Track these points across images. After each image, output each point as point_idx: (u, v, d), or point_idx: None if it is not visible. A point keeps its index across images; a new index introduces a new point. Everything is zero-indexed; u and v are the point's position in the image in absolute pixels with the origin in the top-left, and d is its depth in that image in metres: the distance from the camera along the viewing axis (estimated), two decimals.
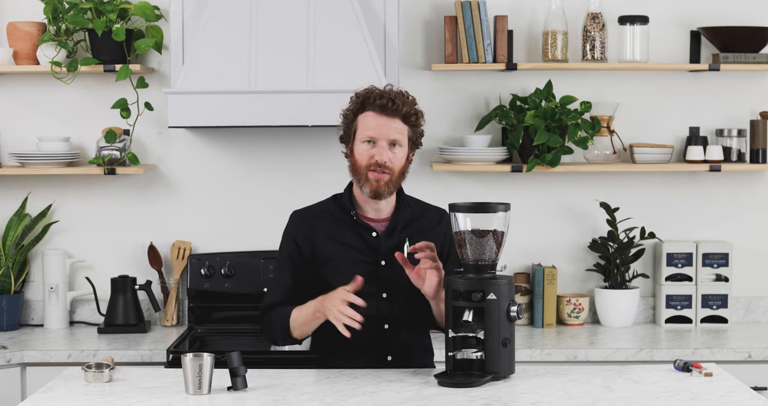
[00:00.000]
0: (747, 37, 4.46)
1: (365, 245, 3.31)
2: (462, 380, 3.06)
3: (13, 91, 4.59)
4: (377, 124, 3.22)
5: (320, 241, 3.32)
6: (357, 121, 3.26)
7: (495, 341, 3.08)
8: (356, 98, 3.28)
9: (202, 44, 4.18)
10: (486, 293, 3.07)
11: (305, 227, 3.35)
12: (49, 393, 3.04)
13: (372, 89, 3.26)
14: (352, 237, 3.31)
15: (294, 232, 3.36)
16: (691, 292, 4.53)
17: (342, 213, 3.34)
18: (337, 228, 3.33)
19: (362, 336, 3.21)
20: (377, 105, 3.22)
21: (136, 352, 4.08)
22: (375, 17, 4.32)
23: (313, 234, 3.33)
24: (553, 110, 4.40)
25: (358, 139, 3.24)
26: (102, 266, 4.61)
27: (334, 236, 3.32)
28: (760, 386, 4.08)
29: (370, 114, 3.23)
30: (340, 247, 3.31)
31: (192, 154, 4.62)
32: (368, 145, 3.23)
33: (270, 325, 3.32)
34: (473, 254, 3.11)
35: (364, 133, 3.23)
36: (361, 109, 3.25)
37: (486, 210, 3.14)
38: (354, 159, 3.27)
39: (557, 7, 4.47)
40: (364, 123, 3.24)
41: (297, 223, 3.38)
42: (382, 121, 3.22)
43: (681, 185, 4.66)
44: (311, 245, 3.32)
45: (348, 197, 3.34)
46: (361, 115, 3.25)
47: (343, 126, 3.30)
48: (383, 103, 3.21)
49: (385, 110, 3.22)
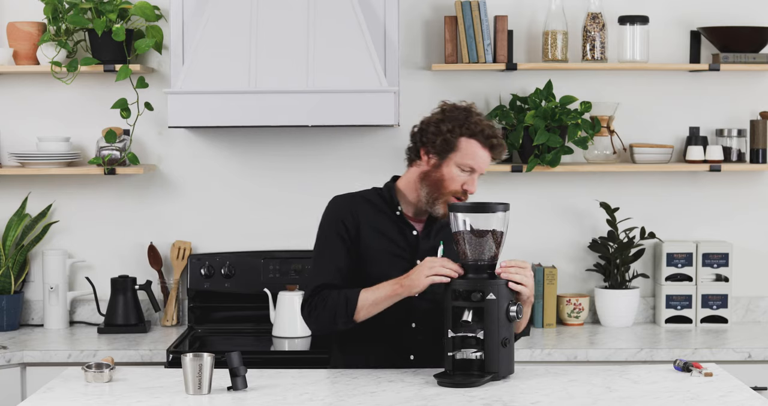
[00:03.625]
0: (747, 37, 4.46)
1: (405, 242, 3.30)
2: (461, 380, 3.07)
3: (13, 91, 4.59)
4: (482, 158, 3.24)
5: (364, 227, 3.30)
6: (460, 144, 3.22)
7: (494, 341, 3.08)
8: (464, 120, 3.24)
9: (202, 44, 4.18)
10: (485, 293, 3.07)
11: (350, 210, 3.32)
12: (49, 393, 3.04)
13: (479, 121, 3.24)
14: (394, 232, 3.31)
15: (340, 214, 3.31)
16: (691, 292, 4.53)
17: (384, 206, 3.33)
18: (380, 220, 3.32)
19: (388, 333, 3.23)
20: (488, 142, 3.23)
21: (136, 352, 4.08)
22: (375, 17, 4.32)
23: (358, 219, 3.31)
24: (553, 110, 4.40)
25: (456, 163, 3.23)
26: (102, 266, 4.61)
27: (378, 226, 3.31)
28: (760, 386, 4.08)
29: (476, 144, 3.22)
30: (383, 238, 3.30)
31: (192, 154, 4.62)
32: (464, 173, 3.24)
33: (326, 307, 3.21)
34: (472, 254, 3.11)
35: (466, 161, 3.22)
36: (467, 134, 3.22)
37: (485, 210, 3.14)
38: (441, 176, 3.24)
39: (557, 7, 4.47)
40: (468, 151, 3.22)
41: (342, 206, 3.34)
42: (485, 156, 3.24)
43: (681, 185, 4.66)
44: (356, 229, 3.30)
45: (393, 192, 3.34)
46: (466, 139, 3.22)
47: (442, 133, 3.24)
48: (493, 143, 3.24)
49: (491, 148, 3.24)
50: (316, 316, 3.22)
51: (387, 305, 3.19)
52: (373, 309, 3.20)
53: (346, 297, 3.19)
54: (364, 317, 3.20)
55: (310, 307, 3.24)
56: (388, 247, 3.29)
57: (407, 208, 3.33)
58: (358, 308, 3.18)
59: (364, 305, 3.18)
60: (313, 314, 3.23)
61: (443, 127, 3.23)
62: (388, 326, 3.24)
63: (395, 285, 3.17)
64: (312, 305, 3.24)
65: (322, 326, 3.24)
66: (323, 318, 3.21)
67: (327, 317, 3.20)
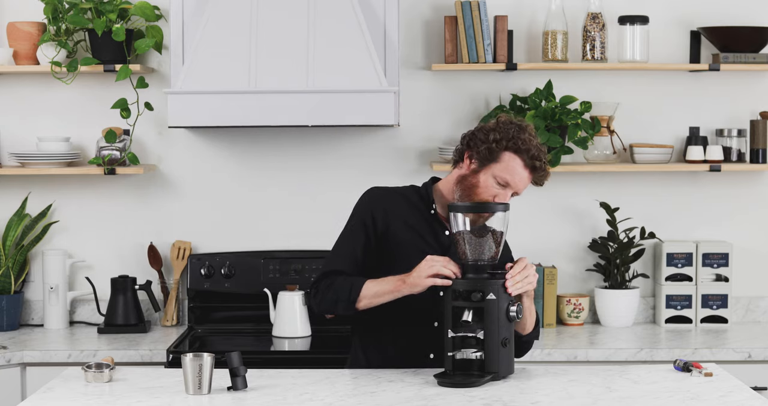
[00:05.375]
0: (747, 37, 4.46)
1: (437, 241, 3.31)
2: (461, 380, 3.07)
3: (13, 91, 4.59)
4: (520, 176, 3.22)
5: (396, 222, 3.31)
6: (503, 156, 3.21)
7: (494, 341, 3.08)
8: (514, 135, 3.23)
9: (202, 44, 4.18)
10: (485, 293, 3.07)
11: (384, 204, 3.33)
12: (49, 393, 3.03)
13: (529, 140, 3.22)
14: (427, 230, 3.32)
15: (372, 206, 3.33)
16: (691, 292, 4.53)
17: (420, 203, 3.35)
18: (413, 216, 3.33)
19: (410, 331, 3.24)
20: (531, 163, 3.21)
21: (136, 352, 4.08)
22: (375, 17, 4.32)
23: (390, 213, 3.32)
24: (553, 110, 4.40)
25: (493, 174, 3.22)
26: (102, 266, 4.61)
27: (410, 222, 3.32)
28: (760, 386, 4.08)
29: (519, 161, 3.21)
30: (414, 234, 3.31)
31: (192, 154, 4.62)
32: (499, 186, 3.23)
33: (331, 290, 3.25)
34: (472, 254, 3.11)
35: (504, 175, 3.22)
36: (513, 149, 3.21)
37: (485, 210, 3.14)
38: (477, 182, 3.24)
39: (557, 7, 4.47)
40: (509, 165, 3.22)
41: (376, 198, 3.36)
42: (524, 175, 3.23)
43: (681, 185, 4.66)
44: (386, 223, 3.31)
45: (431, 192, 3.35)
46: (510, 154, 3.21)
47: (490, 142, 3.24)
48: (536, 165, 3.22)
49: (533, 169, 3.23)
50: (320, 298, 3.29)
51: (389, 299, 3.21)
52: (375, 300, 3.22)
53: (351, 283, 3.24)
54: (365, 307, 3.23)
55: (317, 288, 3.30)
56: (419, 243, 3.30)
57: (442, 209, 3.34)
58: (360, 297, 3.21)
59: (367, 294, 3.21)
60: (318, 295, 3.29)
61: (492, 136, 3.24)
62: (411, 324, 3.25)
63: (398, 281, 3.18)
64: (318, 286, 3.30)
65: (324, 308, 3.30)
66: (326, 300, 3.27)
67: (330, 299, 3.26)
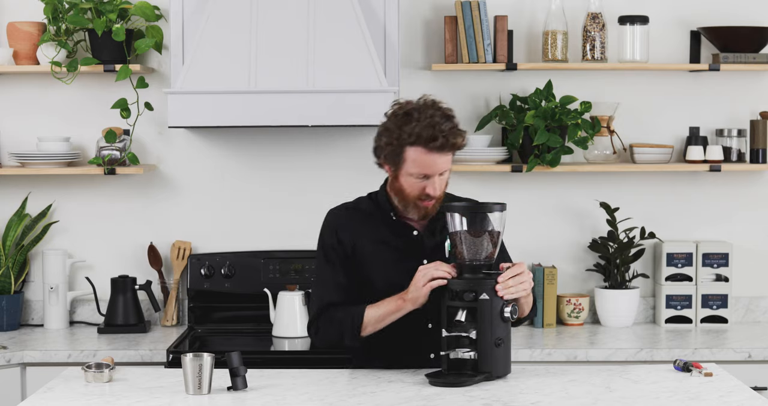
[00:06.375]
0: (747, 37, 4.46)
1: (406, 245, 3.27)
2: (453, 380, 3.06)
3: (13, 91, 4.59)
4: (430, 163, 3.11)
5: (361, 239, 3.27)
6: (406, 154, 3.11)
7: (488, 341, 3.07)
8: (399, 130, 3.10)
9: (202, 44, 4.18)
10: (478, 293, 3.06)
11: (345, 224, 3.29)
12: (49, 393, 3.04)
13: (415, 125, 3.07)
14: (393, 237, 3.27)
15: (336, 230, 3.28)
16: (691, 292, 4.53)
17: (380, 212, 3.29)
18: (376, 227, 3.28)
19: (406, 334, 3.23)
20: (432, 145, 3.08)
21: (136, 352, 4.08)
22: (375, 17, 4.32)
23: (354, 233, 3.27)
24: (553, 110, 4.40)
25: (408, 173, 3.14)
26: (102, 266, 4.61)
27: (375, 235, 3.27)
28: (760, 386, 4.08)
29: (420, 151, 3.09)
30: (382, 246, 3.26)
31: (192, 154, 4.62)
32: (419, 179, 3.14)
33: (333, 324, 3.22)
34: (469, 254, 3.11)
35: (416, 169, 3.12)
36: (407, 143, 3.10)
37: (482, 210, 3.13)
38: (400, 185, 3.18)
39: (557, 7, 4.47)
40: (415, 160, 3.11)
41: (337, 221, 3.30)
42: (435, 158, 3.11)
43: (681, 185, 4.66)
44: (352, 243, 3.27)
45: (385, 197, 3.29)
46: (411, 148, 3.09)
47: (385, 146, 3.14)
48: (437, 145, 3.08)
49: (440, 148, 3.10)
50: (323, 334, 3.26)
51: (393, 319, 3.19)
52: (378, 325, 3.20)
53: (352, 314, 3.21)
54: (370, 332, 3.22)
55: (317, 326, 3.27)
56: (389, 253, 3.27)
57: (404, 208, 3.26)
58: (364, 325, 3.20)
59: (370, 321, 3.20)
60: (320, 332, 3.27)
61: (383, 140, 3.15)
62: (406, 328, 3.23)
63: (398, 300, 3.16)
64: (318, 324, 3.27)
65: (329, 344, 3.28)
66: (330, 336, 3.25)
67: (334, 334, 3.24)
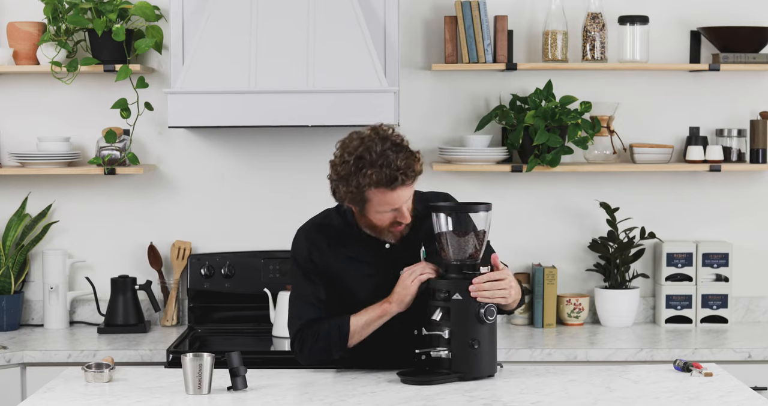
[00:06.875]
0: (747, 37, 4.46)
1: (379, 258, 3.23)
2: (421, 378, 3.07)
3: (13, 91, 4.59)
4: (396, 198, 3.08)
5: (332, 256, 3.23)
6: (368, 196, 3.08)
7: (461, 341, 3.07)
8: (355, 176, 3.05)
9: (202, 44, 4.18)
10: (452, 293, 3.06)
11: (316, 241, 3.25)
12: (49, 393, 3.04)
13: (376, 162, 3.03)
14: (364, 251, 3.24)
15: (307, 247, 3.25)
16: (691, 292, 4.53)
17: (349, 227, 3.25)
18: (347, 243, 3.24)
19: (392, 345, 3.21)
20: (392, 186, 3.05)
21: (136, 352, 4.08)
22: (375, 17, 4.32)
23: (326, 252, 3.23)
24: (553, 110, 4.40)
25: (375, 211, 3.12)
26: (102, 266, 4.61)
27: (345, 252, 3.23)
28: (760, 386, 4.08)
29: (383, 191, 3.06)
30: (354, 263, 3.23)
31: (192, 154, 4.62)
32: (388, 212, 3.12)
33: (318, 339, 3.18)
34: (454, 253, 3.10)
35: (383, 207, 3.10)
36: (367, 187, 3.05)
37: (467, 210, 3.13)
38: (370, 221, 3.16)
39: (557, 7, 4.47)
40: (380, 200, 3.08)
41: (307, 239, 3.26)
42: (399, 193, 3.08)
43: (681, 185, 4.66)
44: (325, 260, 3.23)
45: (353, 214, 3.23)
46: (372, 191, 3.06)
47: (345, 195, 3.10)
48: (396, 180, 3.04)
49: (402, 183, 3.07)
50: (308, 350, 3.21)
51: (379, 324, 3.17)
52: (364, 332, 3.18)
53: (338, 326, 3.17)
54: (356, 341, 3.19)
55: (301, 342, 3.21)
56: (361, 268, 3.23)
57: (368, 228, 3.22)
58: (351, 334, 3.17)
59: (356, 329, 3.17)
60: (305, 348, 3.21)
61: (342, 189, 3.10)
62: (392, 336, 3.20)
63: (384, 304, 3.15)
64: (302, 340, 3.21)
65: (315, 359, 3.22)
66: (317, 351, 3.20)
67: (321, 349, 3.19)
